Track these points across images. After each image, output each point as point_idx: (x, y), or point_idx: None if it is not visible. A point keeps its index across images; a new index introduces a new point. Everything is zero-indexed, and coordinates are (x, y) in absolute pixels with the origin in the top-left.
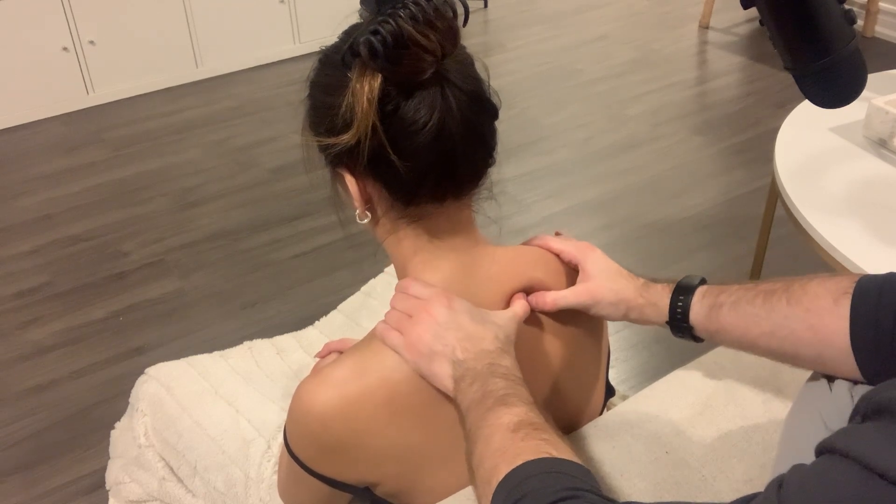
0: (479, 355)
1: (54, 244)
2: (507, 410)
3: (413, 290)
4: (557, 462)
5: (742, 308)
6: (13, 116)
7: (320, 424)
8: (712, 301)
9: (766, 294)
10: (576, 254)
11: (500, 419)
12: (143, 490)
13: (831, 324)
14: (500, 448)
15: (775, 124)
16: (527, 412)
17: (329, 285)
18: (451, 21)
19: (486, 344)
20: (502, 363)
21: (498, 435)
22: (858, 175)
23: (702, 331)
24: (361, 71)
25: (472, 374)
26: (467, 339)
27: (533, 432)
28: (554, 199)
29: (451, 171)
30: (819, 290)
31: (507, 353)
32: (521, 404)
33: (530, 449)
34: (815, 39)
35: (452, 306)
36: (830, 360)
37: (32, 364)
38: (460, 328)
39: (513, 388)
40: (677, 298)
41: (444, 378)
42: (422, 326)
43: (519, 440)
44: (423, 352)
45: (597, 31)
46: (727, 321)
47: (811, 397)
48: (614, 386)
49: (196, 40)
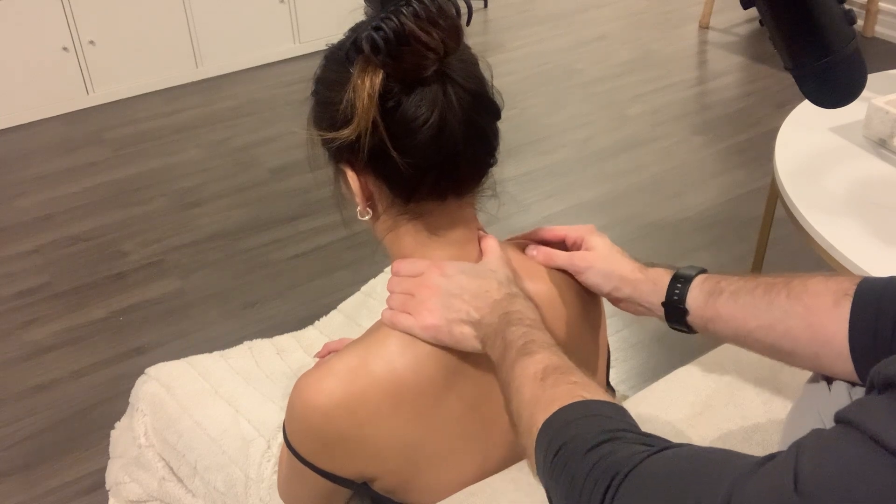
0: (492, 308)
1: (54, 244)
2: (530, 359)
3: (405, 269)
4: (591, 405)
5: (741, 298)
6: (13, 116)
7: (322, 416)
8: (712, 287)
9: (767, 286)
10: (581, 232)
11: (526, 370)
12: (143, 490)
13: (830, 325)
14: (532, 398)
15: (775, 124)
16: (549, 356)
17: (329, 285)
18: (454, 19)
19: (494, 294)
20: (514, 308)
21: (528, 386)
22: (858, 175)
23: (697, 318)
24: (363, 67)
25: (493, 331)
26: (475, 297)
27: (561, 377)
28: (554, 199)
29: (452, 168)
30: (820, 288)
31: (515, 297)
32: (542, 350)
33: (563, 394)
34: (815, 39)
35: (446, 272)
36: (827, 360)
37: (32, 364)
38: (464, 289)
39: (531, 334)
40: (676, 280)
41: (470, 339)
42: (428, 301)
43: (550, 387)
44: (440, 325)
45: (597, 31)
46: (725, 310)
47: (811, 398)
48: (614, 386)
49: (196, 40)
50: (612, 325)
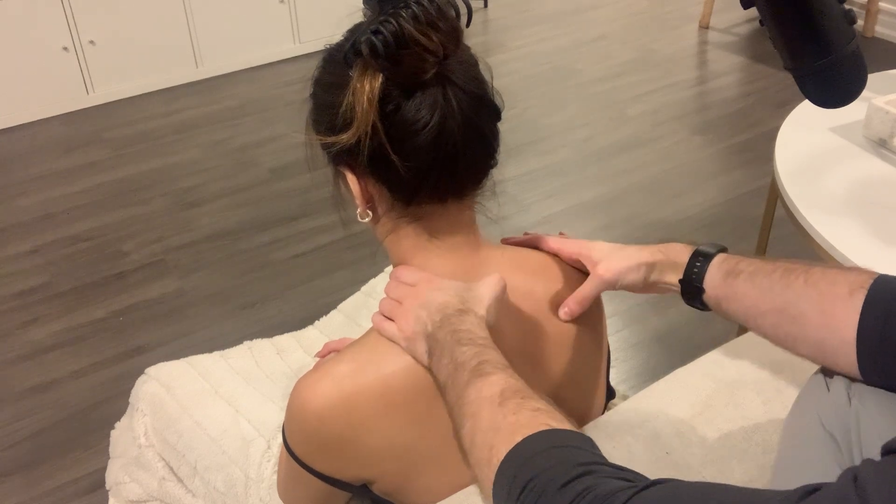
0: (442, 323)
1: (54, 244)
2: (485, 382)
3: (404, 276)
4: (559, 434)
5: (759, 279)
6: (13, 116)
7: (318, 420)
8: (731, 267)
9: (786, 270)
10: (576, 248)
11: (481, 393)
12: (143, 490)
13: (842, 313)
14: (492, 426)
15: (775, 124)
16: (506, 379)
17: (329, 285)
18: (454, 21)
19: (448, 308)
20: (462, 327)
21: (485, 411)
22: (858, 175)
23: (712, 296)
24: (363, 70)
25: (440, 346)
26: (436, 310)
27: (522, 402)
28: (554, 199)
29: (452, 171)
30: (838, 277)
31: (466, 313)
32: (497, 371)
33: (526, 422)
34: (815, 39)
35: (439, 286)
36: (832, 348)
37: (32, 364)
38: (431, 302)
39: (483, 354)
40: (696, 258)
41: (423, 355)
42: (409, 312)
43: (511, 414)
44: (410, 335)
45: (596, 31)
46: (741, 289)
47: (810, 399)
48: (614, 386)
49: (196, 40)
50: (612, 325)
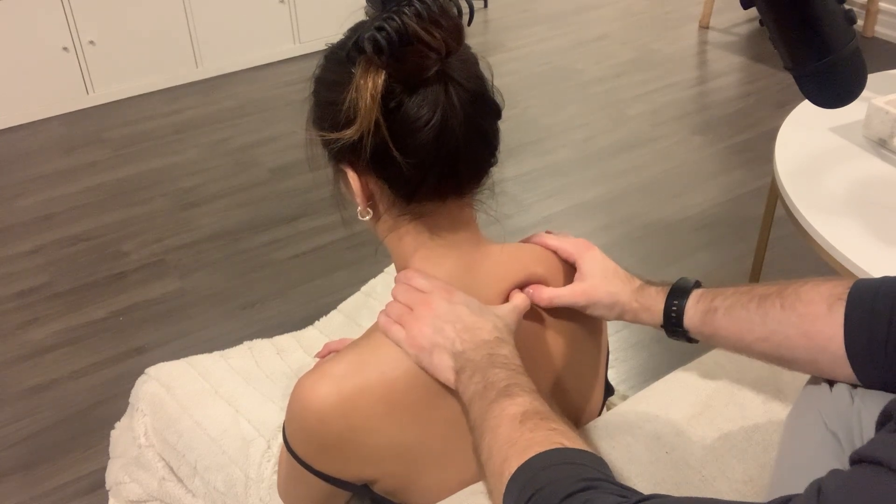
0: (477, 346)
1: (54, 244)
2: (511, 402)
3: (415, 282)
4: (570, 452)
5: (736, 313)
6: (13, 116)
7: (318, 420)
8: (707, 306)
9: (761, 299)
10: (573, 251)
11: (504, 410)
12: (143, 490)
13: (826, 330)
14: (508, 440)
15: (775, 124)
16: (531, 401)
17: (329, 285)
18: (456, 19)
19: (484, 334)
20: (501, 352)
21: (505, 426)
22: (858, 175)
23: (696, 334)
24: (366, 67)
25: (473, 366)
26: (466, 330)
27: (541, 422)
28: (554, 199)
29: (453, 169)
30: (813, 295)
31: (505, 342)
32: (525, 394)
33: (541, 440)
34: (815, 39)
35: (452, 299)
36: (826, 365)
37: (32, 364)
38: (459, 320)
39: (514, 378)
40: (671, 303)
41: (445, 370)
42: (423, 320)
43: (528, 431)
44: (424, 345)
45: (596, 32)
46: (722, 326)
47: (812, 398)
48: (614, 386)
49: (196, 40)
50: (612, 324)
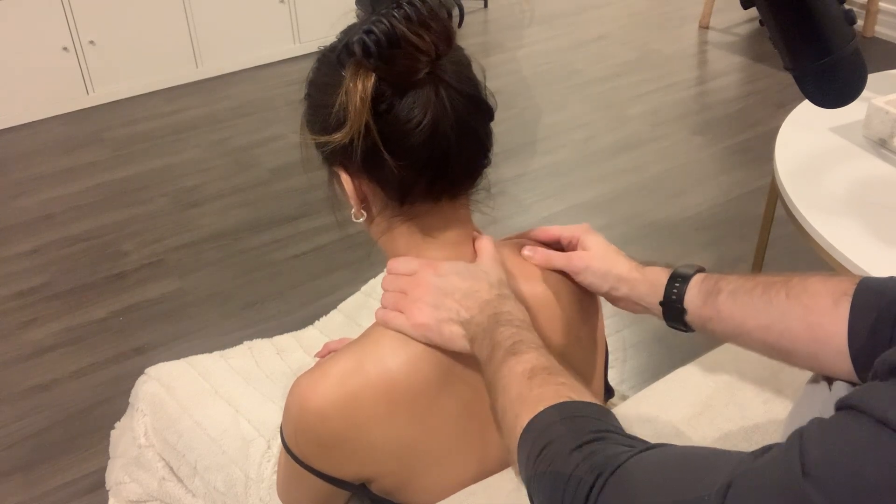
0: (482, 308)
1: (54, 244)
2: (517, 359)
3: (399, 267)
4: (579, 405)
5: (740, 298)
6: (13, 116)
7: (318, 418)
8: (711, 287)
9: (766, 286)
10: (576, 232)
11: (513, 369)
12: (143, 490)
13: (829, 325)
14: (518, 397)
15: (775, 124)
16: (537, 357)
17: (329, 285)
18: (446, 21)
19: (483, 294)
20: (504, 309)
21: (515, 384)
22: (858, 175)
23: (695, 317)
24: (355, 70)
25: (482, 330)
26: (465, 296)
27: (549, 377)
28: (554, 199)
29: (446, 170)
30: (819, 288)
31: (506, 298)
32: (530, 350)
33: (550, 394)
34: (815, 39)
35: (439, 272)
36: (826, 360)
37: (32, 364)
38: (455, 289)
39: (520, 335)
40: (674, 280)
41: (458, 339)
42: (420, 300)
43: (536, 387)
44: (430, 324)
45: (596, 32)
46: (723, 309)
47: (812, 398)
48: (614, 386)
49: (196, 40)
50: (612, 325)
